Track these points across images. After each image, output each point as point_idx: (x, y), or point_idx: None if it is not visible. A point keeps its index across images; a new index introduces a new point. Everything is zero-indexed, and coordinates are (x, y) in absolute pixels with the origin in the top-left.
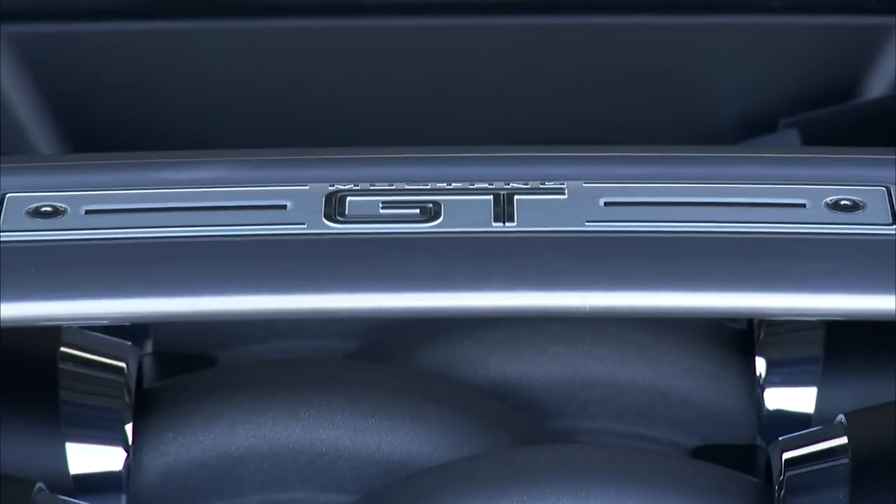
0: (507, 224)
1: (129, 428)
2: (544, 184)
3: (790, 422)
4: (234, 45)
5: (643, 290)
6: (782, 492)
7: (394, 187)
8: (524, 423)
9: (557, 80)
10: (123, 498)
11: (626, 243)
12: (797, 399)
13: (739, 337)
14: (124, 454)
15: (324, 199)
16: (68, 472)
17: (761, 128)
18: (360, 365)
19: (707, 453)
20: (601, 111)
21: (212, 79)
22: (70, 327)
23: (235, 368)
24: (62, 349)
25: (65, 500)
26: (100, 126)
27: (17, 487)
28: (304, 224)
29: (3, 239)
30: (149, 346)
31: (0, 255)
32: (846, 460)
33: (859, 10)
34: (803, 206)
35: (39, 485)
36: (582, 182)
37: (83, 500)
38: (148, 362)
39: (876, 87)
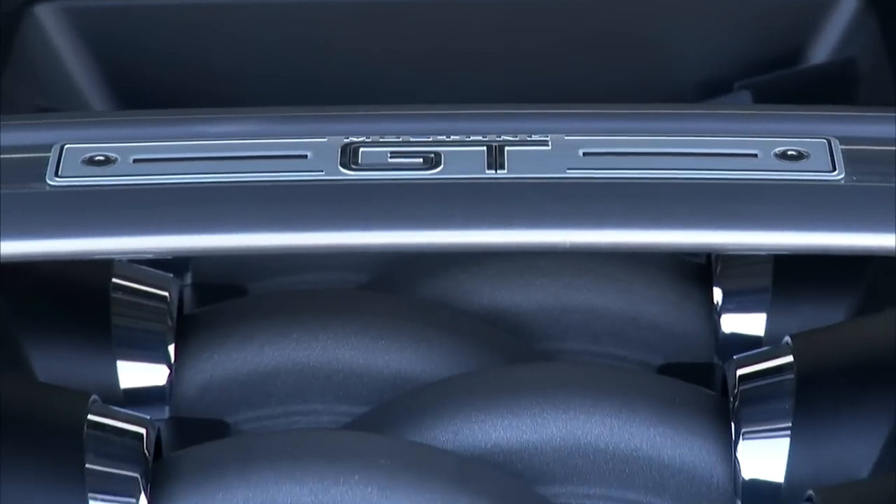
0: (498, 171)
1: (171, 349)
2: (531, 136)
3: (743, 343)
4: (261, 17)
5: (616, 228)
6: (736, 403)
7: (400, 139)
8: (513, 344)
9: (540, 48)
10: (166, 409)
11: (601, 188)
12: (749, 323)
13: (699, 270)
14: (167, 371)
15: (339, 150)
16: (119, 387)
17: (718, 90)
18: (370, 295)
19: (671, 370)
20: (577, 75)
21: (242, 46)
22: (120, 261)
23: (263, 297)
24: (114, 280)
25: (116, 410)
26: (145, 87)
27: (74, 398)
28: (322, 171)
29: (61, 184)
30: (188, 278)
31: (60, 199)
32: (791, 376)
33: None
34: (755, 155)
35: (94, 397)
36: (563, 135)
37: (131, 409)
38: (188, 292)
39: (819, 54)
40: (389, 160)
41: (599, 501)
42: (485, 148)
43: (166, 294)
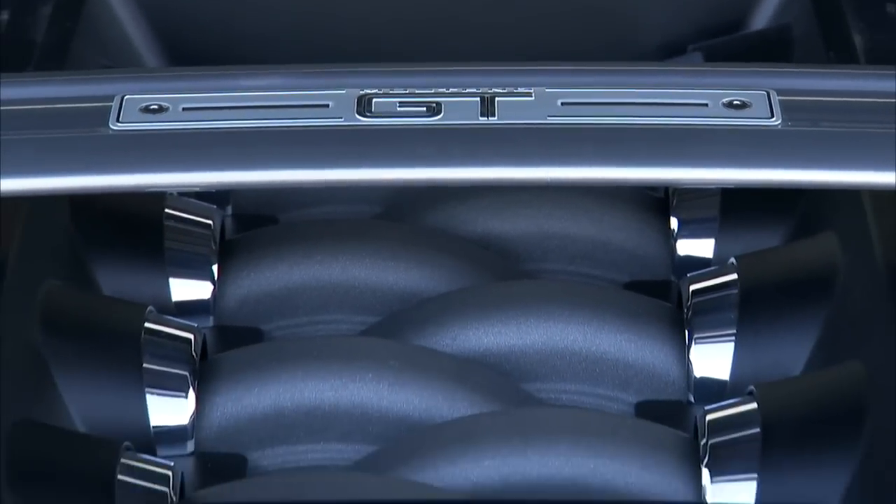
0: (490, 118)
1: (215, 268)
2: (517, 89)
3: (695, 263)
4: None
5: (589, 166)
6: (689, 314)
7: (407, 91)
8: (502, 265)
9: (523, 18)
10: (211, 319)
11: (577, 132)
12: (700, 247)
13: (658, 202)
14: (212, 287)
15: (356, 101)
16: (171, 300)
17: (674, 52)
18: (382, 223)
19: (635, 287)
20: (555, 40)
21: (274, 13)
22: (171, 194)
23: (292, 225)
24: (166, 210)
25: (168, 319)
26: (191, 48)
27: (134, 309)
28: (341, 118)
29: (121, 129)
30: (229, 209)
31: (121, 141)
32: (736, 291)
33: None
34: (706, 105)
35: (150, 308)
36: (545, 88)
37: (181, 318)
38: (228, 221)
39: (760, 21)
40: (398, 109)
41: (574, 396)
42: (478, 98)
43: (210, 222)
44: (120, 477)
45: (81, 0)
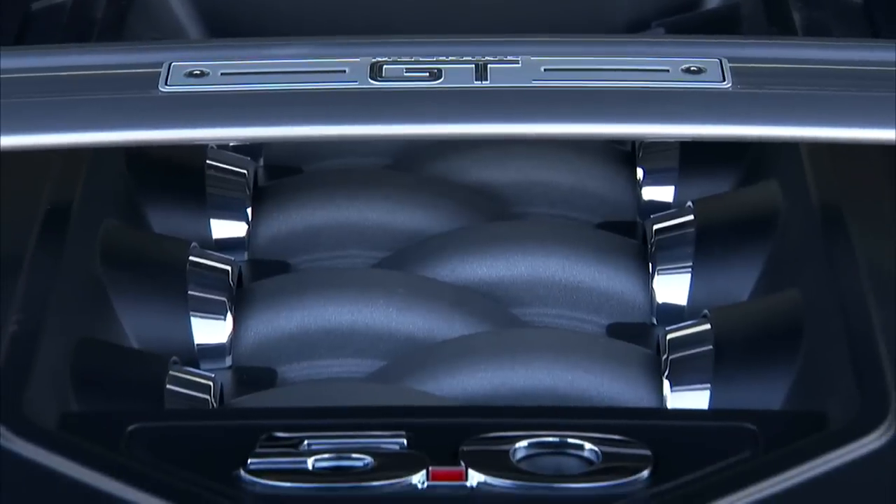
0: (483, 82)
1: (248, 211)
2: (506, 57)
3: (658, 206)
4: None
5: (567, 122)
6: (653, 249)
7: (413, 59)
8: (493, 207)
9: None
10: (245, 254)
11: (557, 93)
12: (662, 193)
13: (626, 155)
14: (246, 226)
15: (369, 67)
16: (212, 237)
17: (639, 28)
18: (391, 172)
19: (605, 227)
20: (539, 18)
21: None
22: (212, 146)
23: (315, 174)
24: (207, 161)
25: (210, 253)
26: (229, 22)
27: (180, 244)
28: (356, 82)
29: (169, 91)
30: (261, 161)
31: (168, 101)
32: (692, 229)
33: None
34: (667, 70)
35: (193, 244)
36: (530, 56)
37: (220, 253)
38: (261, 171)
39: (713, 1)
40: (405, 74)
41: (555, 319)
42: (473, 65)
43: (245, 171)
44: (168, 386)
45: None
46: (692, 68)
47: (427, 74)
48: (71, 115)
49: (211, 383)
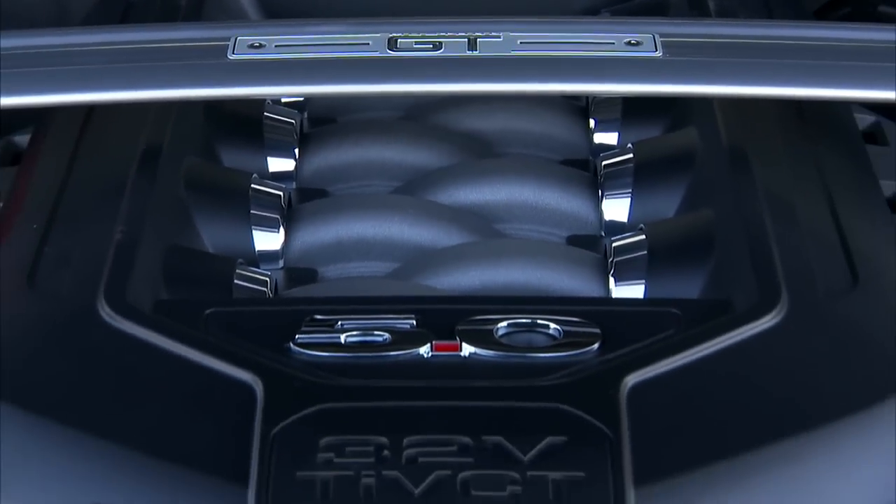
0: (473, 52)
1: (296, 151)
2: (491, 34)
3: (606, 147)
4: None
5: (537, 82)
6: (602, 179)
7: (420, 35)
8: (480, 147)
9: None
10: (294, 183)
11: (530, 61)
12: (609, 137)
13: (581, 108)
14: (294, 163)
15: (387, 41)
16: (268, 171)
17: (592, 12)
18: (404, 122)
19: (566, 163)
20: (511, 6)
21: None
22: (268, 101)
23: (346, 123)
24: (265, 113)
25: (266, 181)
26: (279, 7)
27: (243, 175)
28: (377, 52)
29: (235, 59)
30: (305, 114)
31: (236, 66)
32: (632, 164)
33: None
34: (613, 43)
35: (254, 175)
36: (509, 32)
37: (275, 182)
38: (305, 121)
39: None
40: (414, 46)
41: (528, 232)
42: (466, 39)
43: (293, 121)
44: (236, 281)
45: None
46: (632, 41)
47: (431, 46)
48: (163, 76)
49: (267, 279)
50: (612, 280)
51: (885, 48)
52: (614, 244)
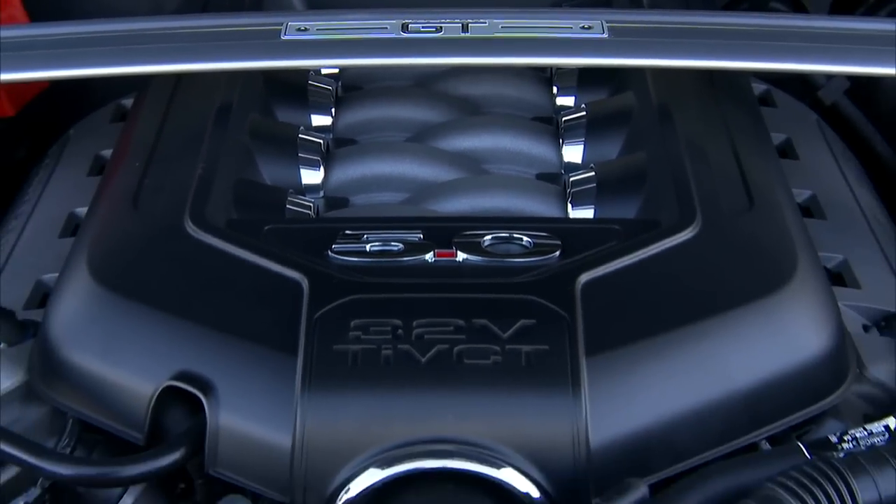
0: (466, 33)
1: (332, 110)
2: (479, 21)
3: (565, 108)
4: None
5: (513, 56)
6: (562, 132)
7: (426, 21)
8: (472, 107)
9: None
10: (331, 135)
11: (508, 41)
12: (568, 100)
13: (547, 78)
14: (331, 118)
15: (401, 25)
16: (311, 125)
17: (556, 4)
18: (414, 88)
19: (536, 119)
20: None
21: None
22: (311, 71)
23: (369, 89)
24: (309, 81)
25: (310, 132)
26: (318, 3)
27: (292, 127)
28: (393, 33)
29: (287, 38)
30: (340, 82)
31: (287, 45)
32: (585, 120)
33: None
34: (570, 27)
35: (301, 127)
36: (493, 20)
37: (317, 133)
38: (339, 88)
39: None
40: (422, 28)
41: (507, 170)
42: (460, 24)
43: (330, 87)
44: (287, 206)
45: None
46: (585, 26)
47: (434, 29)
48: (233, 52)
49: (311, 205)
50: (569, 205)
51: (776, 31)
52: (571, 179)
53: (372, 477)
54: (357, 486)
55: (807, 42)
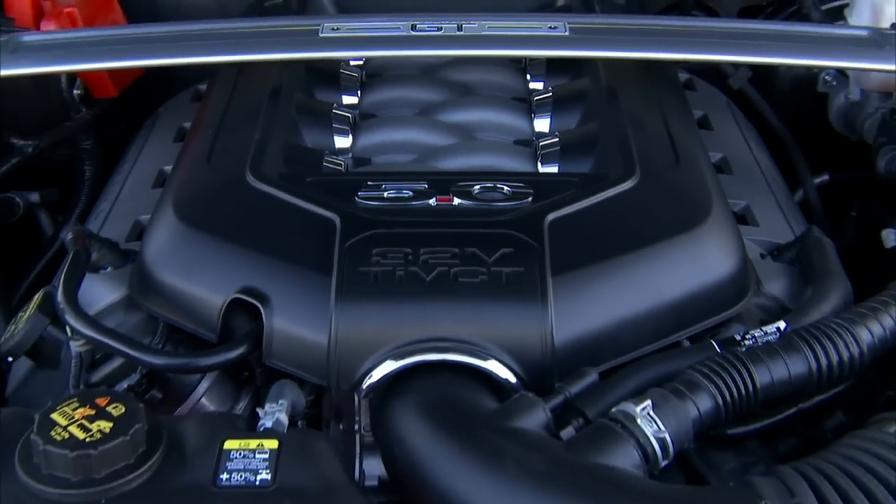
0: (460, 32)
1: (359, 91)
2: (471, 22)
3: (536, 90)
4: None
5: (495, 49)
6: (534, 108)
7: (430, 23)
8: (464, 89)
9: None
10: (357, 110)
11: (491, 38)
12: (538, 84)
13: (522, 68)
14: (357, 98)
15: (410, 26)
16: (343, 103)
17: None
18: (420, 75)
19: (513, 100)
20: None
21: None
22: (344, 61)
23: (387, 76)
24: (340, 69)
25: (342, 106)
26: (350, 6)
27: (326, 104)
28: (404, 32)
29: (324, 36)
30: (364, 70)
31: (324, 40)
32: (551, 99)
33: None
34: (539, 27)
35: (335, 104)
36: (481, 21)
37: (346, 110)
38: (364, 75)
39: None
40: (426, 28)
41: (491, 137)
42: (456, 25)
43: (357, 74)
44: (324, 164)
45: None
46: (551, 26)
47: (436, 29)
48: (282, 45)
49: (342, 163)
50: (539, 163)
51: (696, 31)
52: (540, 143)
53: (388, 366)
54: (377, 374)
55: (720, 39)
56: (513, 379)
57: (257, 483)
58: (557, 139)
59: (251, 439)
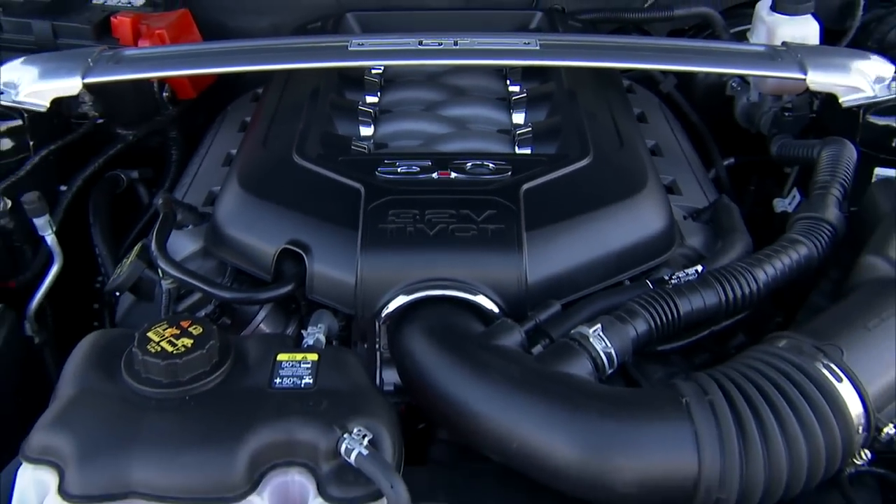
0: (457, 45)
1: (379, 93)
2: (465, 39)
3: (514, 92)
4: None
5: (483, 59)
6: (512, 106)
7: (433, 39)
8: (460, 90)
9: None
10: (378, 107)
11: (479, 50)
12: (516, 88)
13: (504, 74)
14: (378, 98)
15: (418, 41)
16: (367, 101)
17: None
18: (426, 81)
19: (497, 100)
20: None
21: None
22: (368, 70)
23: (399, 81)
24: (364, 75)
25: (367, 103)
26: (373, 25)
27: (352, 101)
28: (412, 46)
29: (353, 49)
30: (384, 76)
31: (350, 53)
32: (525, 98)
33: None
34: (517, 42)
35: (360, 101)
36: (471, 38)
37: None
38: (383, 80)
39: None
40: (430, 43)
41: (480, 128)
42: (453, 41)
43: (377, 80)
44: (352, 147)
45: (338, 20)
46: (526, 42)
47: (437, 43)
48: (321, 57)
49: (366, 146)
50: (516, 147)
51: (636, 46)
52: (517, 132)
53: (401, 300)
54: (393, 305)
55: (653, 53)
56: (496, 309)
57: (302, 385)
58: (530, 129)
59: (297, 353)
